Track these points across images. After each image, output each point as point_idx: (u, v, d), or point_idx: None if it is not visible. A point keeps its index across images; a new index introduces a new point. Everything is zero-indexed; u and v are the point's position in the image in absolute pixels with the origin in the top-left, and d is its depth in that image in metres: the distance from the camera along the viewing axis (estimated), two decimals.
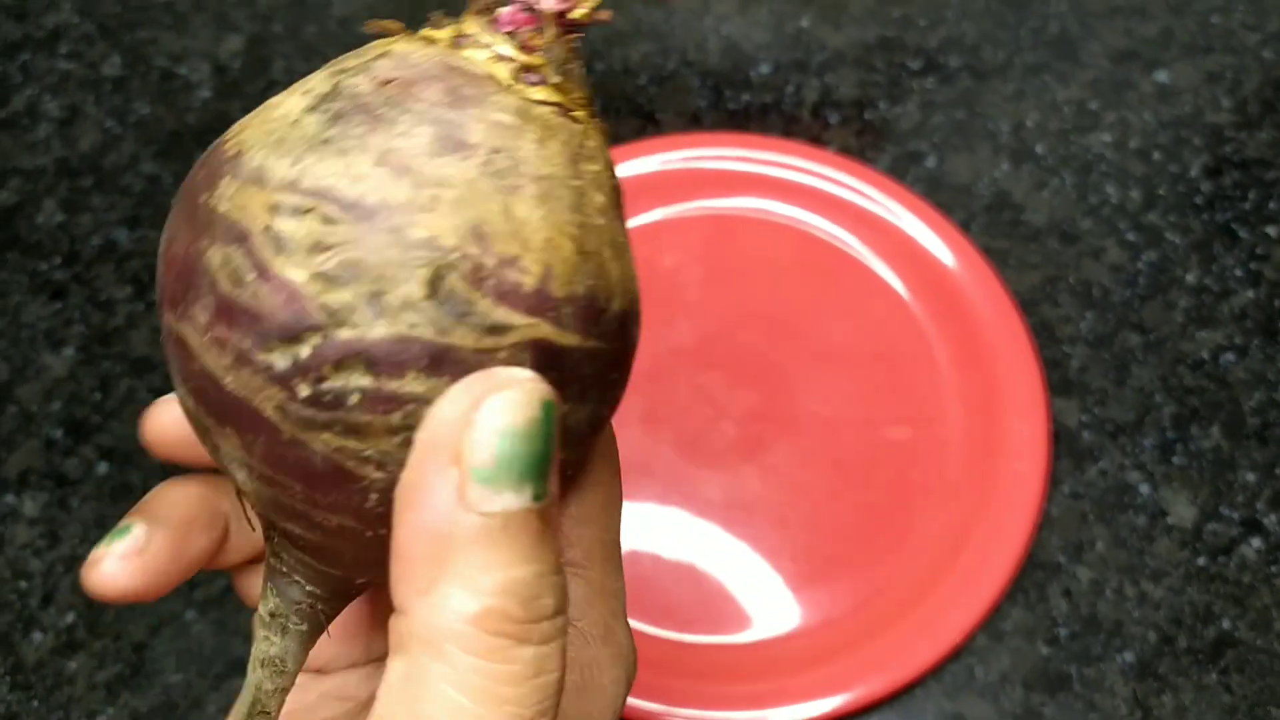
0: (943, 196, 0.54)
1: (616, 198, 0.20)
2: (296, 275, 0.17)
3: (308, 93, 0.19)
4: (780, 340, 0.50)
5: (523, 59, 0.19)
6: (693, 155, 0.55)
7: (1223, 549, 0.45)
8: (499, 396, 0.16)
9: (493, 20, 0.19)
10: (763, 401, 0.49)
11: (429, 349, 0.17)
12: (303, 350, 0.17)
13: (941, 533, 0.45)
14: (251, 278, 0.17)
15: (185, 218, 0.19)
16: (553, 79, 0.19)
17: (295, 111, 0.18)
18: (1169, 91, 0.58)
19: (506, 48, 0.19)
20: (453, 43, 0.19)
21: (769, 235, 0.53)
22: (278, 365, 0.17)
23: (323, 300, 0.17)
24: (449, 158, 0.17)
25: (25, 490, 0.47)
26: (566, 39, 0.20)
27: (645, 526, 0.45)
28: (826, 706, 0.41)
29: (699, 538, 0.45)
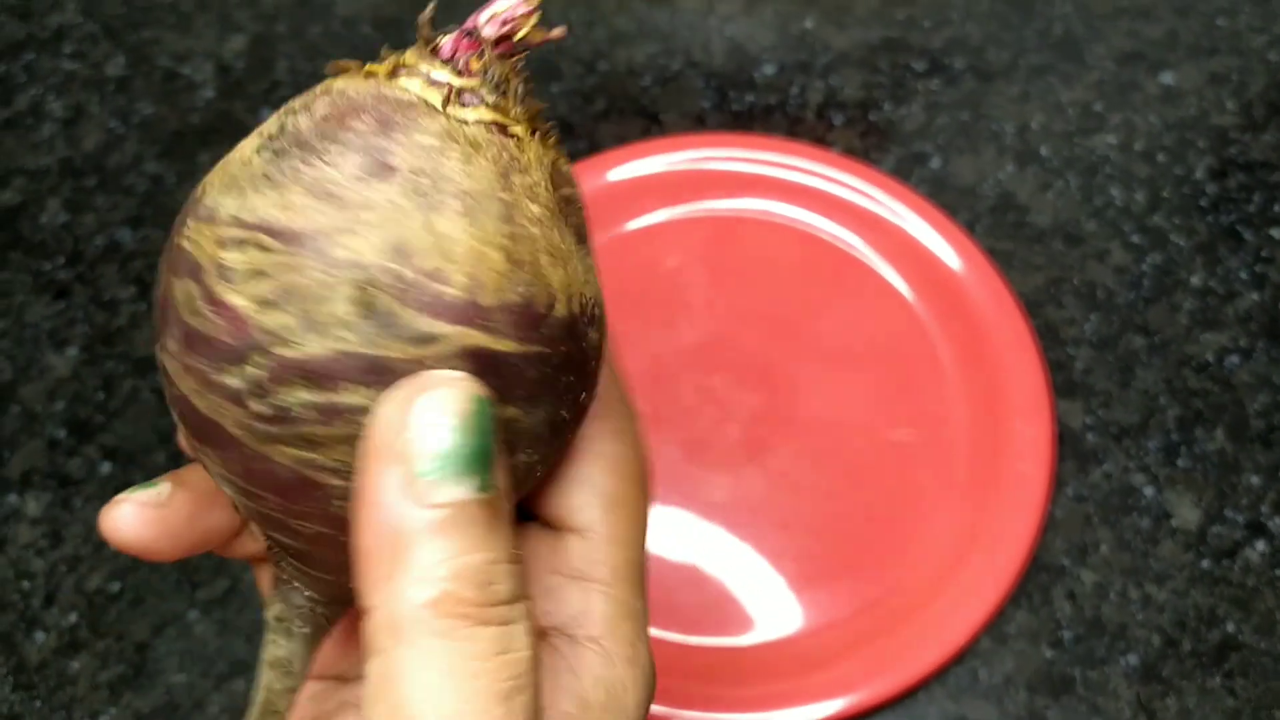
0: (947, 198, 0.54)
1: (562, 206, 0.21)
2: (239, 301, 0.18)
3: (260, 134, 0.20)
4: (784, 342, 0.50)
5: (456, 83, 0.20)
6: (697, 156, 0.55)
7: (1227, 552, 0.45)
8: (429, 395, 0.18)
9: (434, 49, 0.20)
10: (766, 403, 0.48)
11: (362, 361, 0.18)
12: (251, 370, 0.18)
13: (945, 535, 0.45)
14: (205, 307, 0.19)
15: (166, 258, 0.20)
16: (489, 99, 0.20)
17: (248, 153, 0.20)
18: (1174, 93, 0.58)
19: (441, 73, 0.20)
20: (390, 73, 0.20)
21: (773, 236, 0.53)
22: (231, 385, 0.19)
23: (261, 322, 0.18)
24: (372, 182, 0.18)
25: (28, 490, 0.47)
26: (510, 59, 0.20)
27: (649, 528, 0.45)
28: (830, 709, 0.41)
29: (702, 539, 0.45)
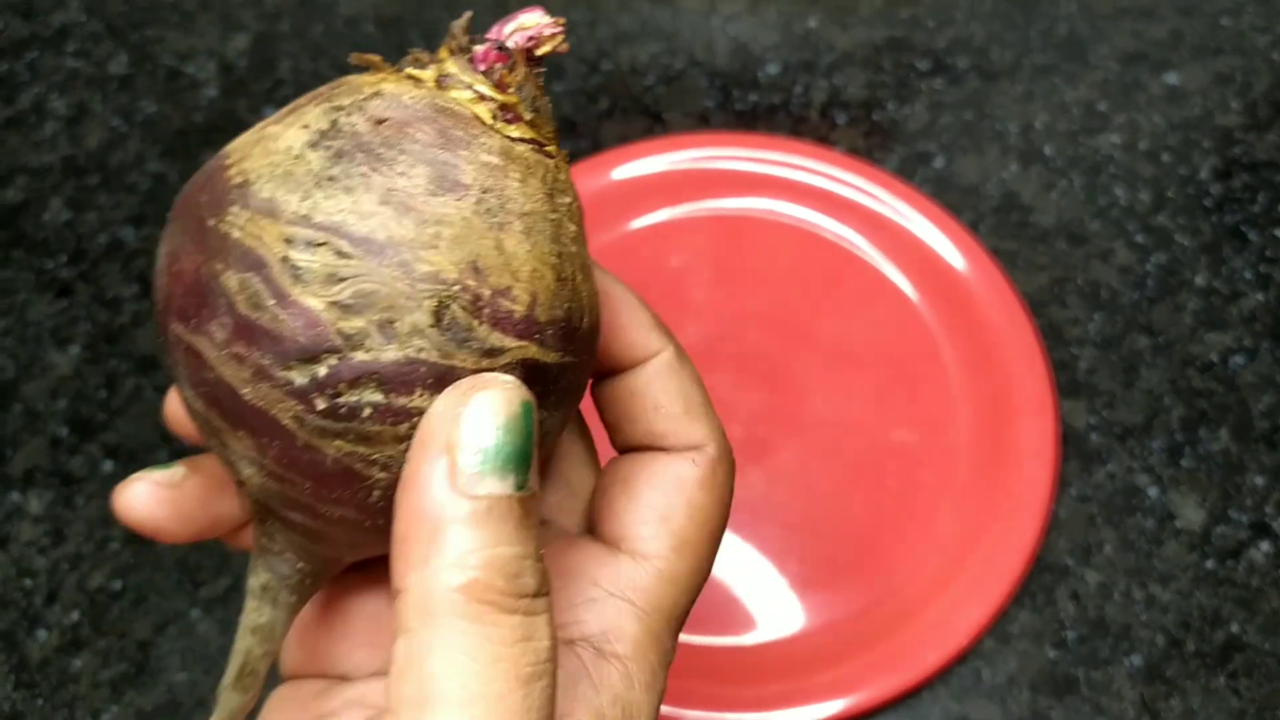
0: (951, 197, 0.54)
1: (582, 221, 0.22)
2: (314, 303, 0.19)
3: (306, 128, 0.20)
4: (787, 341, 0.50)
5: (500, 98, 0.21)
6: (700, 155, 0.55)
7: (1231, 552, 0.45)
8: (484, 394, 0.19)
9: (469, 59, 0.21)
10: (770, 403, 0.48)
11: (434, 370, 0.19)
12: (320, 370, 0.19)
13: (949, 535, 0.45)
14: (271, 303, 0.19)
15: (191, 237, 0.20)
16: (526, 116, 0.21)
17: (297, 146, 0.20)
18: (1178, 93, 0.58)
19: (485, 88, 0.21)
20: (437, 83, 0.21)
21: (776, 236, 0.53)
22: (296, 381, 0.19)
23: (339, 326, 0.19)
24: (446, 197, 0.19)
25: (31, 488, 0.47)
26: (534, 74, 0.22)
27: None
28: (833, 709, 0.41)
29: None
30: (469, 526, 0.18)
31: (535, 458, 0.19)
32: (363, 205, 0.19)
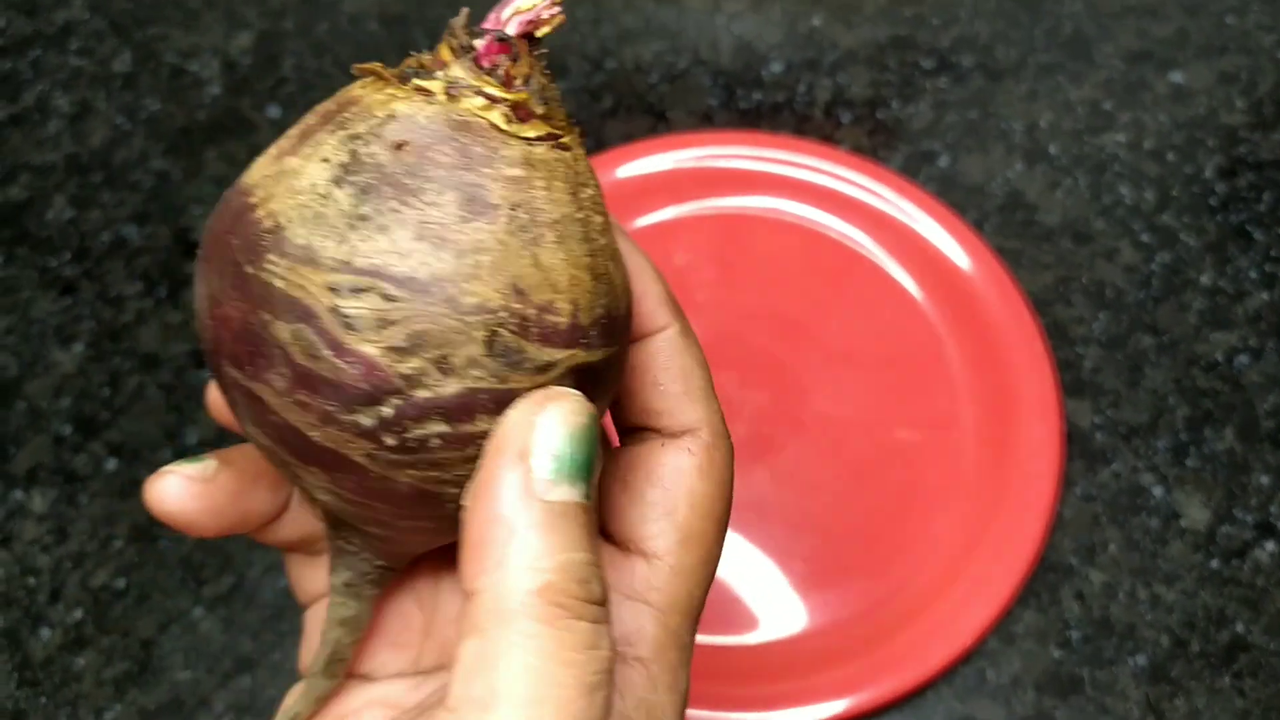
0: (955, 196, 0.54)
1: (604, 204, 0.22)
2: (370, 350, 0.19)
3: (326, 161, 0.20)
4: (791, 340, 0.50)
5: (509, 97, 0.21)
6: (704, 154, 0.55)
7: (1236, 552, 0.45)
8: (556, 405, 0.19)
9: (474, 58, 0.21)
10: (774, 402, 0.48)
11: (493, 395, 0.20)
12: (385, 410, 0.19)
13: (953, 534, 0.45)
14: (328, 353, 0.19)
15: (231, 282, 0.20)
16: (539, 110, 0.21)
17: (321, 183, 0.20)
18: (1183, 92, 0.58)
19: (494, 90, 0.21)
20: (447, 94, 0.21)
21: (780, 234, 0.53)
22: (363, 423, 0.20)
23: (397, 369, 0.19)
24: (478, 223, 0.20)
25: (34, 486, 0.47)
26: (537, 60, 0.21)
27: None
28: (836, 708, 0.41)
29: None
30: (542, 531, 0.19)
31: (598, 469, 0.20)
32: (400, 244, 0.19)
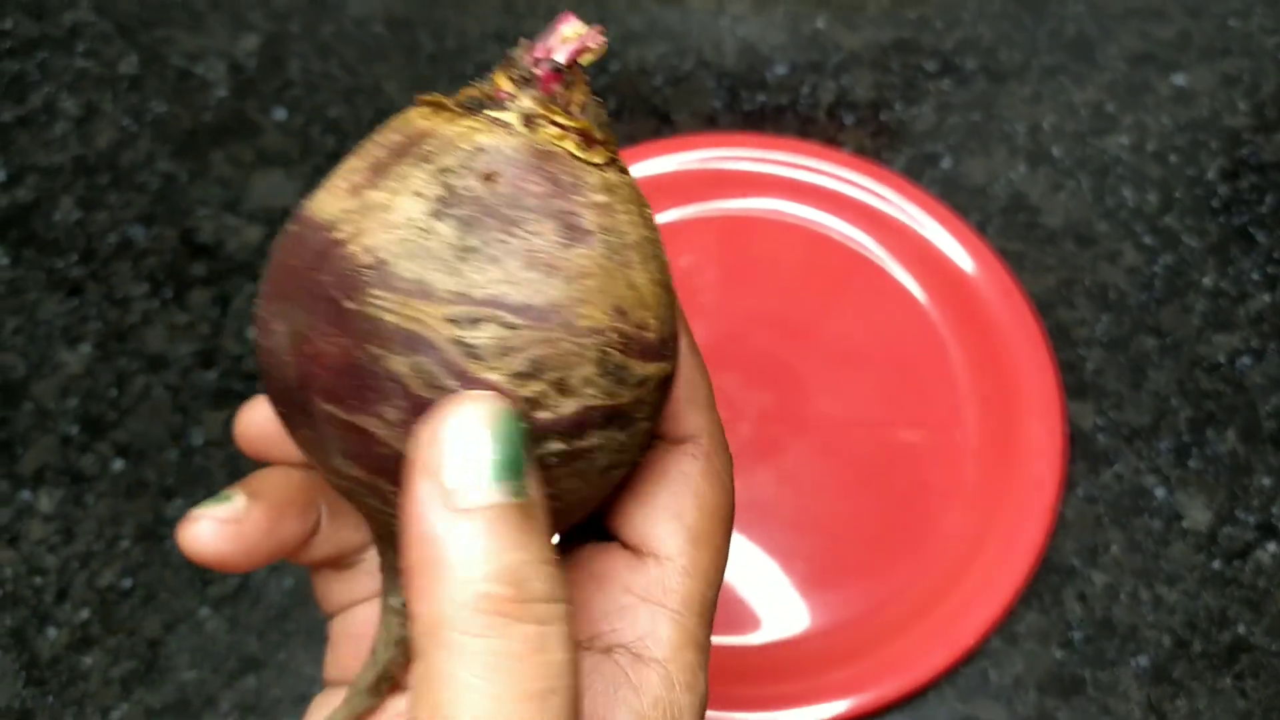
0: (958, 198, 0.54)
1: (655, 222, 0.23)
2: (495, 377, 0.20)
3: (420, 195, 0.20)
4: (795, 341, 0.50)
5: (576, 125, 0.21)
6: (708, 156, 0.55)
7: (1238, 553, 0.45)
8: (454, 413, 0.19)
9: (541, 90, 0.22)
10: (777, 403, 0.49)
11: (604, 410, 0.21)
12: None
13: (956, 535, 0.45)
14: (452, 383, 0.20)
15: (325, 319, 0.20)
16: (599, 136, 0.22)
17: (420, 217, 0.20)
18: (1186, 94, 0.58)
19: (564, 119, 0.21)
20: (525, 123, 0.21)
21: (784, 236, 0.53)
22: None
23: (520, 394, 0.20)
24: (579, 248, 0.20)
25: (41, 486, 0.48)
26: (586, 86, 0.22)
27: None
28: (839, 709, 0.41)
29: None
30: (468, 541, 0.18)
31: (528, 463, 0.19)
32: (512, 273, 0.20)
